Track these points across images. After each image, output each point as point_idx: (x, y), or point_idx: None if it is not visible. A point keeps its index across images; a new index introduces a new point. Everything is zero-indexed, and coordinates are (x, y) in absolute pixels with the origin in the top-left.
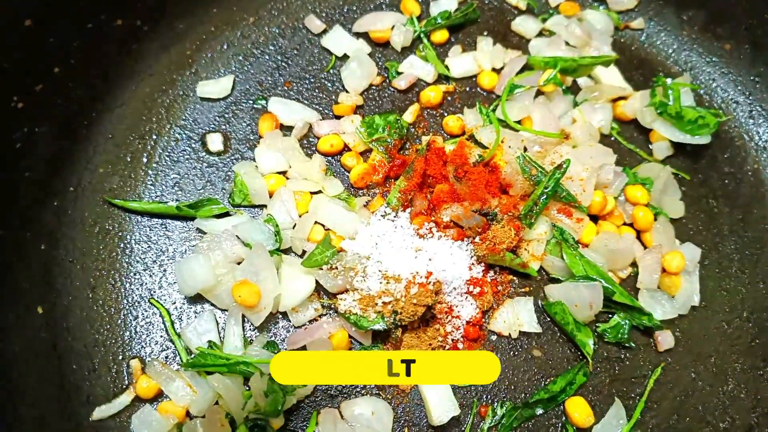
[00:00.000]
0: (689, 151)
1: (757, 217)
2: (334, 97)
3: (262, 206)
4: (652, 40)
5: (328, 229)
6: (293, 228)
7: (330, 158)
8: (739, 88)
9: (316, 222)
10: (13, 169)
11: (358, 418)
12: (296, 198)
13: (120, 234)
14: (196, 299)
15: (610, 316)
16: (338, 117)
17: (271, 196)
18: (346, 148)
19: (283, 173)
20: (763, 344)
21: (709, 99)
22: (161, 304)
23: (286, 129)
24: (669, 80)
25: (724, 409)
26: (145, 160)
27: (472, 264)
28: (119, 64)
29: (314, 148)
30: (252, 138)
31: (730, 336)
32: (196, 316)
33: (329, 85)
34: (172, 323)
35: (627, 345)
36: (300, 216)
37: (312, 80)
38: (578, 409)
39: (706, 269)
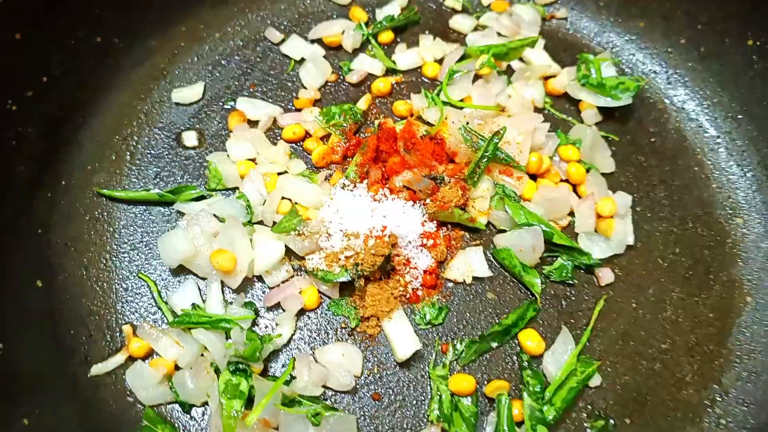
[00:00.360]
0: (617, 116)
1: (683, 167)
2: (294, 94)
3: (235, 189)
4: (575, 26)
5: (296, 203)
6: (263, 204)
7: (293, 145)
8: (655, 59)
9: (283, 197)
10: (7, 164)
11: (330, 360)
12: (265, 179)
13: (108, 220)
14: (179, 271)
15: (554, 259)
16: (299, 110)
17: (242, 179)
18: (308, 135)
19: (252, 160)
20: (697, 275)
21: (632, 71)
22: (148, 277)
23: (253, 124)
24: (591, 56)
25: (665, 332)
26: (128, 157)
27: (425, 221)
28: (99, 76)
29: (279, 138)
30: (223, 134)
31: (666, 270)
32: (180, 286)
33: (290, 84)
34: (159, 292)
35: (571, 282)
36: (269, 193)
37: (274, 82)
38: (530, 338)
39: (639, 215)
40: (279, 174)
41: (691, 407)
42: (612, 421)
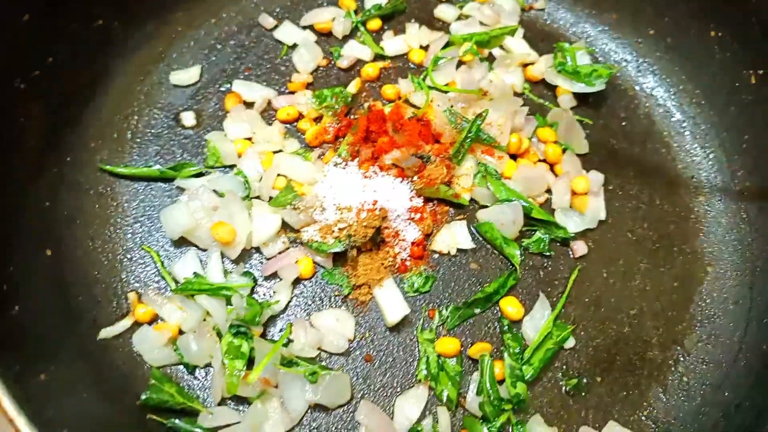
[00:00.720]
0: (591, 102)
1: (651, 149)
2: (288, 77)
3: (232, 166)
4: (553, 17)
5: (290, 179)
6: (260, 180)
7: (287, 125)
8: (627, 49)
9: (279, 174)
10: (17, 140)
11: (325, 325)
12: (261, 157)
13: (112, 195)
14: (180, 243)
15: (533, 232)
16: (292, 93)
17: (239, 157)
18: (301, 116)
19: (249, 139)
20: (664, 247)
21: (605, 60)
22: (151, 248)
23: (248, 105)
24: (567, 45)
25: (633, 299)
26: (129, 136)
27: (413, 197)
28: (101, 58)
29: (274, 118)
30: (220, 114)
31: (634, 243)
32: (181, 256)
33: (283, 68)
34: (162, 263)
35: (547, 254)
36: (265, 170)
37: (268, 66)
38: (510, 304)
39: (611, 193)
40: (274, 152)
41: (656, 366)
42: (585, 380)
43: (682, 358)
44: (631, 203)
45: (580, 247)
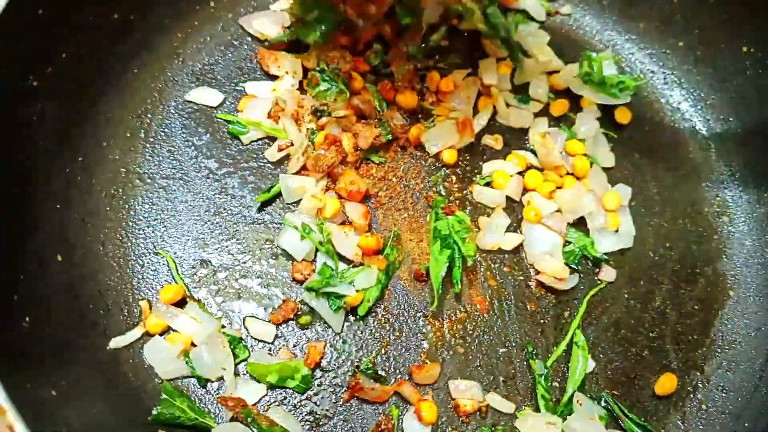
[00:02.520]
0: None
1: (675, 165)
2: None
3: None
4: (579, 23)
5: None
6: None
7: None
8: (653, 59)
9: None
10: (29, 140)
11: None
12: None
13: (124, 198)
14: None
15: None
16: None
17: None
18: None
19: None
20: (685, 268)
21: (630, 70)
22: (166, 253)
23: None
24: (594, 54)
25: (653, 322)
26: (142, 135)
27: None
28: (116, 53)
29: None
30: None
31: (656, 262)
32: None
33: None
34: (177, 269)
35: (575, 268)
36: None
37: None
38: None
39: (633, 210)
40: None
41: (675, 392)
42: (603, 403)
43: (701, 385)
44: (653, 221)
45: (609, 273)
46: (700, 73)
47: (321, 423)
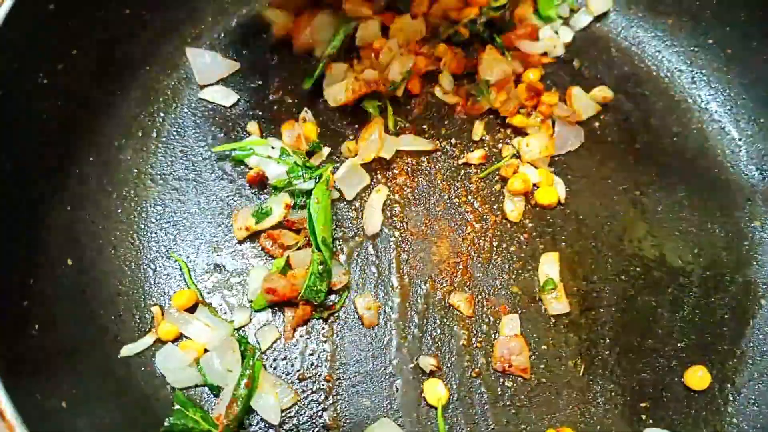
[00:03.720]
0: (641, 110)
1: (704, 168)
2: None
3: None
4: (603, 19)
5: None
6: None
7: None
8: (681, 57)
9: None
10: (39, 139)
11: None
12: None
13: (135, 199)
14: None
15: None
16: None
17: None
18: None
19: None
20: (714, 275)
21: (657, 68)
22: (180, 257)
23: None
24: None
25: (681, 331)
26: (154, 135)
27: None
28: (127, 49)
29: None
30: (249, 114)
31: (684, 269)
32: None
33: None
34: (190, 273)
35: None
36: None
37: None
38: None
39: (662, 214)
40: None
41: (705, 406)
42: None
43: (731, 398)
44: (681, 226)
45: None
46: (730, 72)
47: None
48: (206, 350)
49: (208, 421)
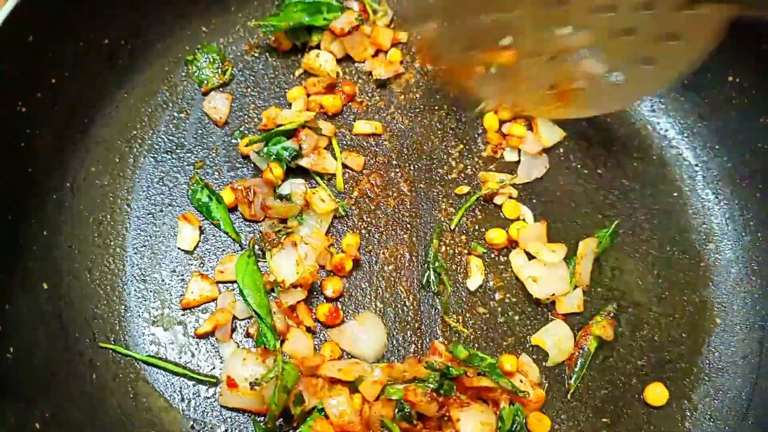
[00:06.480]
0: (603, 138)
1: (663, 193)
2: None
3: None
4: None
5: None
6: None
7: None
8: None
9: None
10: (17, 166)
11: None
12: None
13: (112, 224)
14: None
15: None
16: None
17: None
18: None
19: None
20: (673, 295)
21: None
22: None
23: None
24: None
25: (641, 350)
26: (131, 161)
27: None
28: (106, 78)
29: None
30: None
31: (644, 289)
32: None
33: None
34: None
35: None
36: None
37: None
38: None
39: (623, 237)
40: None
41: (663, 420)
42: None
43: (689, 414)
44: (641, 248)
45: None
46: (686, 102)
47: None
48: None
49: None
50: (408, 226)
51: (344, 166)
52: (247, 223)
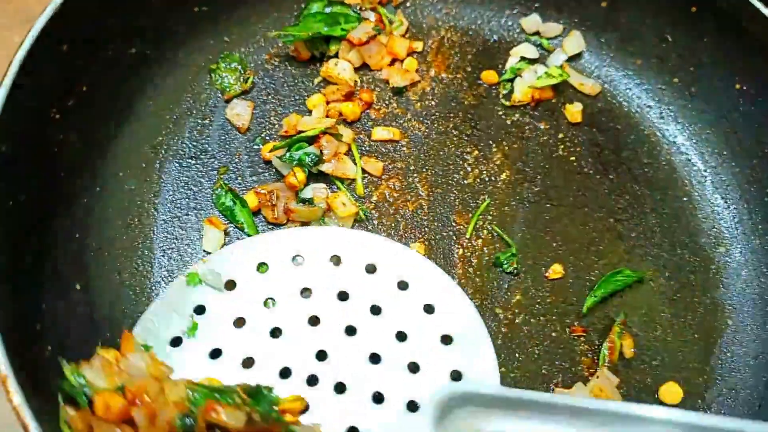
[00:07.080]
0: (613, 144)
1: (672, 197)
2: None
3: None
4: (577, 59)
5: None
6: None
7: None
8: (650, 94)
9: None
10: (50, 171)
11: None
12: None
13: (140, 227)
14: None
15: None
16: None
17: None
18: None
19: None
20: (684, 297)
21: (628, 105)
22: None
23: None
24: None
25: (655, 350)
26: (157, 166)
27: None
28: (133, 85)
29: None
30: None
31: (656, 292)
32: None
33: None
34: None
35: None
36: None
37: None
38: None
39: (634, 240)
40: None
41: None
42: None
43: (702, 412)
44: (653, 252)
45: None
46: (695, 109)
47: None
48: None
49: None
50: (426, 229)
51: (364, 171)
52: (271, 226)
